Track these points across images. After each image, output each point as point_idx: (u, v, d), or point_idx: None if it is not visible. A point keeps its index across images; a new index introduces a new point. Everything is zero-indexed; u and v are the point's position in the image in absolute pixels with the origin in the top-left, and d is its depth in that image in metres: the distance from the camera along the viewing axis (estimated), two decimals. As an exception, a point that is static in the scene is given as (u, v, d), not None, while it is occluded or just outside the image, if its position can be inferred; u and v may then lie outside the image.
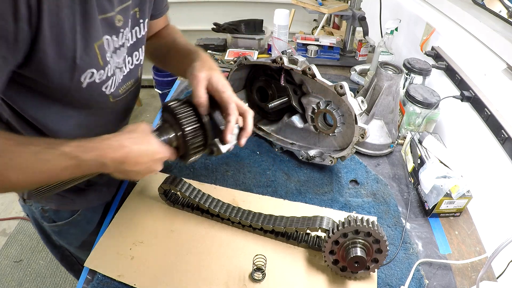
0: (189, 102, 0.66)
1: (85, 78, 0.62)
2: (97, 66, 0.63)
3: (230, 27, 1.67)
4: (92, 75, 0.63)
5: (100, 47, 0.62)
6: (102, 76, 0.65)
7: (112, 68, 0.67)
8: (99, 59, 0.62)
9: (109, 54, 0.65)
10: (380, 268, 0.77)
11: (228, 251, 0.79)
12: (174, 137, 0.65)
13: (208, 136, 0.66)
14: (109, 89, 0.69)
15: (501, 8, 0.96)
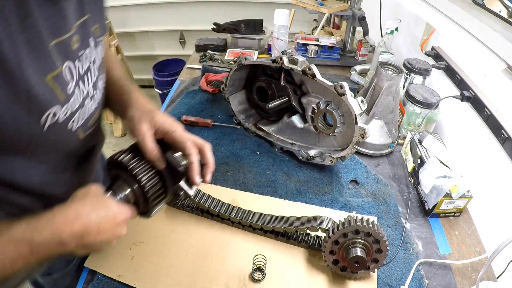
0: (136, 150, 0.59)
1: (46, 120, 0.51)
2: (58, 102, 0.52)
3: (230, 27, 1.67)
4: (55, 115, 0.52)
5: (57, 79, 0.51)
6: (66, 113, 0.54)
7: (79, 99, 0.56)
8: (57, 94, 0.51)
9: (72, 84, 0.54)
10: (380, 268, 0.77)
11: (228, 251, 0.79)
12: (130, 192, 0.58)
13: (167, 182, 0.60)
14: (76, 124, 0.58)
15: (501, 8, 0.96)
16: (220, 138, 1.15)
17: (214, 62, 1.62)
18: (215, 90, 1.35)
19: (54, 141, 0.55)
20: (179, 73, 1.60)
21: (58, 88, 0.51)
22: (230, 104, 1.19)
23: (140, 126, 0.60)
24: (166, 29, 3.12)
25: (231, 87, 1.17)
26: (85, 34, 0.57)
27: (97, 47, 0.61)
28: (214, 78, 1.38)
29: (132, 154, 0.59)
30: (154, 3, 2.97)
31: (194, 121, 1.19)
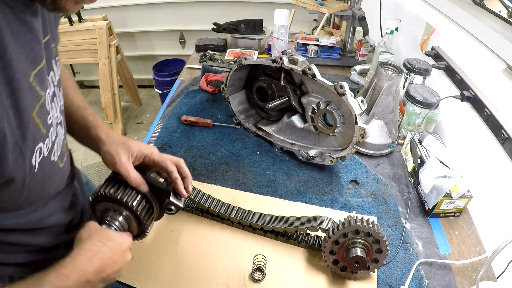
0: (116, 180, 0.63)
1: (36, 159, 0.49)
2: (41, 138, 0.50)
3: (230, 27, 1.67)
4: (41, 151, 0.50)
5: (39, 114, 0.48)
6: (48, 145, 0.53)
7: (55, 128, 0.54)
8: (40, 129, 0.49)
9: (51, 114, 0.52)
10: (380, 268, 0.77)
11: (228, 251, 0.79)
12: (123, 219, 0.62)
13: (152, 201, 0.65)
14: (57, 155, 0.57)
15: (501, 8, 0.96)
16: (220, 138, 1.15)
17: (214, 62, 1.62)
18: (215, 90, 1.35)
19: (43, 175, 0.54)
20: (179, 73, 1.60)
21: (40, 122, 0.49)
22: (230, 104, 1.19)
23: (119, 159, 0.63)
24: (166, 29, 3.12)
25: (231, 87, 1.17)
26: (48, 56, 0.53)
27: (58, 69, 0.59)
28: (214, 78, 1.38)
29: (116, 185, 0.63)
30: (154, 3, 2.97)
31: (194, 121, 1.19)
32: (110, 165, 0.65)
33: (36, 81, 0.47)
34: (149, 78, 3.09)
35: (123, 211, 0.62)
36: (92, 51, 2.56)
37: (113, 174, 0.65)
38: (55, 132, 0.54)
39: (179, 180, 0.66)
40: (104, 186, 0.63)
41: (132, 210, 0.62)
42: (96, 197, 0.63)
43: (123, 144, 0.66)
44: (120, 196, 0.61)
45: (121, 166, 0.63)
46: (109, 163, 0.65)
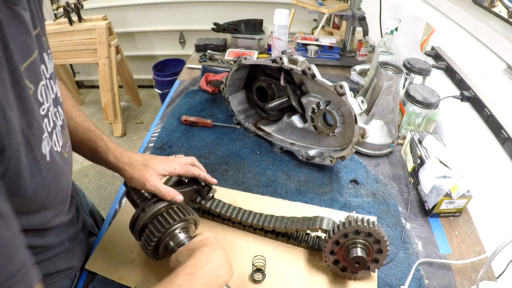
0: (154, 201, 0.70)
1: (45, 148, 0.49)
2: (43, 129, 0.50)
3: (230, 27, 1.67)
4: (48, 141, 0.51)
5: (36, 100, 0.49)
6: (45, 134, 0.51)
7: (51, 118, 0.54)
8: (39, 121, 0.49)
9: (45, 105, 0.52)
10: (380, 268, 0.77)
11: (229, 252, 0.79)
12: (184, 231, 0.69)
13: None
14: (59, 145, 0.56)
15: (501, 8, 0.96)
16: (220, 138, 1.15)
17: (214, 62, 1.62)
18: (215, 90, 1.35)
19: (56, 167, 0.53)
20: (179, 73, 1.60)
21: (38, 113, 0.49)
22: (230, 104, 1.19)
23: (148, 180, 0.68)
24: (166, 29, 3.12)
25: (231, 87, 1.17)
26: (40, 49, 0.52)
27: (50, 61, 0.58)
28: (214, 78, 1.38)
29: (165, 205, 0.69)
30: (154, 3, 2.98)
31: (194, 121, 1.19)
32: (139, 187, 0.70)
33: (26, 73, 0.46)
34: (149, 78, 3.09)
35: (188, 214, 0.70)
36: (92, 51, 2.56)
37: (135, 194, 0.73)
38: (51, 123, 0.53)
39: (207, 176, 0.76)
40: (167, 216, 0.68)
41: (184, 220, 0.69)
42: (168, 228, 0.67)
43: (146, 167, 0.70)
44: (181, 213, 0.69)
45: (150, 186, 0.68)
46: (138, 186, 0.70)
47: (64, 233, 0.68)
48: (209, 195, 0.79)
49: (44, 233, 0.62)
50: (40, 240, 0.62)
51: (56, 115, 0.57)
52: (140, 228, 0.68)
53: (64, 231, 0.68)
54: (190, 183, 0.80)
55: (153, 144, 1.12)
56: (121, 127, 2.89)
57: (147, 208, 0.68)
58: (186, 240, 0.67)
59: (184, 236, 0.68)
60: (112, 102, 2.69)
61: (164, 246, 0.68)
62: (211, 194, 0.79)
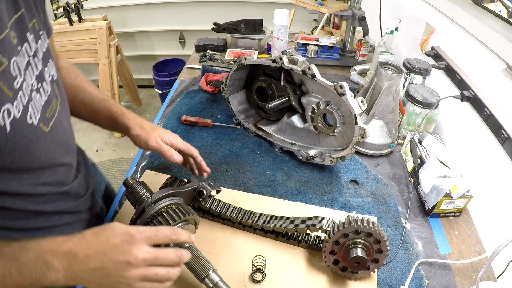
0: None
1: (4, 119, 0.50)
2: (7, 99, 0.51)
3: (230, 27, 1.67)
4: (9, 112, 0.51)
5: (2, 75, 0.51)
6: (19, 109, 0.53)
7: (26, 93, 0.56)
8: (5, 91, 0.51)
9: (19, 79, 0.54)
10: (380, 268, 0.77)
11: (228, 252, 0.79)
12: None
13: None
14: (35, 118, 0.58)
15: (501, 8, 0.96)
16: (220, 138, 1.15)
17: (214, 62, 1.62)
18: (215, 90, 1.35)
19: (23, 138, 0.55)
20: (179, 73, 1.60)
21: (4, 86, 0.51)
22: (230, 104, 1.19)
23: (151, 138, 0.75)
24: (166, 29, 3.12)
25: (231, 87, 1.17)
26: (22, 30, 0.58)
27: (38, 41, 0.63)
28: (214, 78, 1.38)
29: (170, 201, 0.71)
30: (154, 3, 2.98)
31: (194, 121, 1.19)
32: (143, 145, 0.77)
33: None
34: (149, 78, 3.09)
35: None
36: (92, 51, 2.56)
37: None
38: (26, 97, 0.56)
39: (203, 162, 0.80)
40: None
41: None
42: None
43: (152, 129, 0.78)
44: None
45: (153, 142, 0.75)
46: (141, 143, 0.77)
47: (62, 204, 0.69)
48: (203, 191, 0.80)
49: (37, 198, 0.64)
50: (32, 205, 0.63)
51: (40, 90, 0.60)
52: None
53: (61, 201, 0.70)
54: (190, 183, 0.80)
55: (153, 144, 1.12)
56: (121, 127, 2.88)
57: (147, 208, 0.68)
58: None
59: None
60: (112, 102, 2.68)
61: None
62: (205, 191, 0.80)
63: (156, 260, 0.54)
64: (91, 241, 0.52)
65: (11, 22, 0.55)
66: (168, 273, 0.55)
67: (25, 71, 0.57)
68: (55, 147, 0.64)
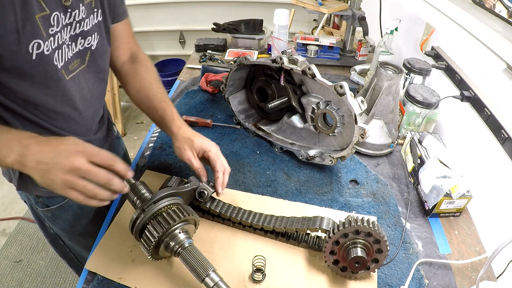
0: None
1: (33, 49, 0.63)
2: (41, 37, 0.63)
3: (230, 27, 1.67)
4: (40, 46, 0.63)
5: (42, 19, 0.63)
6: (48, 48, 0.66)
7: (57, 41, 0.68)
8: (41, 30, 0.63)
9: (54, 29, 0.66)
10: (380, 268, 0.77)
11: (228, 252, 0.79)
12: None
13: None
14: (59, 63, 0.70)
15: (501, 8, 0.96)
16: (220, 138, 1.15)
17: (214, 62, 1.62)
18: (215, 90, 1.35)
19: (45, 72, 0.67)
20: (179, 73, 1.60)
21: (41, 26, 0.63)
22: (230, 104, 1.19)
23: (185, 152, 0.81)
24: (166, 29, 3.12)
25: (231, 87, 1.17)
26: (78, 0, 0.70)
27: (88, 14, 0.74)
28: (214, 78, 1.38)
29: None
30: (154, 3, 2.98)
31: (194, 121, 1.19)
32: (179, 157, 0.84)
33: (44, 0, 0.63)
34: (149, 78, 3.09)
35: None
36: (92, 51, 2.56)
37: None
38: (56, 44, 0.67)
39: (219, 180, 0.81)
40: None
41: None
42: None
43: (189, 140, 0.82)
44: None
45: (185, 158, 0.82)
46: (178, 155, 0.84)
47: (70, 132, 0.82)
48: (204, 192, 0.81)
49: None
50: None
51: (69, 46, 0.72)
52: (140, 229, 0.68)
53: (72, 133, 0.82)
54: (190, 183, 0.80)
55: (153, 144, 1.12)
56: (121, 127, 2.89)
57: (147, 208, 0.68)
58: (186, 240, 0.67)
59: (184, 236, 0.68)
60: (112, 102, 2.69)
61: (164, 246, 0.68)
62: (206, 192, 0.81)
63: (87, 173, 0.59)
64: (48, 141, 0.61)
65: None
66: (94, 190, 0.61)
67: (64, 27, 0.69)
68: (70, 96, 0.76)
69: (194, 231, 0.75)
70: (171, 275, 0.73)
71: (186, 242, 0.67)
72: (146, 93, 0.90)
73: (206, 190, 0.81)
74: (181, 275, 0.73)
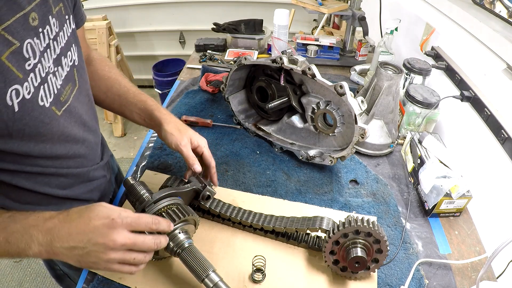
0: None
1: (12, 99, 0.52)
2: (16, 80, 0.53)
3: (230, 27, 1.67)
4: (18, 93, 0.53)
5: (14, 56, 0.52)
6: (30, 90, 0.55)
7: (39, 75, 0.57)
8: (14, 72, 0.52)
9: (31, 61, 0.56)
10: (380, 268, 0.77)
11: (228, 252, 0.79)
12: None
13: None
14: (47, 101, 0.60)
15: (501, 8, 0.96)
16: (220, 138, 1.15)
17: (214, 62, 1.62)
18: (215, 90, 1.35)
19: (33, 119, 0.57)
20: (179, 73, 1.60)
21: (13, 66, 0.52)
22: (230, 104, 1.19)
23: (182, 140, 0.77)
24: (166, 29, 3.12)
25: (231, 87, 1.17)
26: (45, 12, 0.59)
27: (62, 25, 0.65)
28: (214, 78, 1.38)
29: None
30: (154, 3, 2.98)
31: (194, 121, 1.19)
32: (172, 145, 0.78)
33: (7, 31, 0.51)
34: (149, 78, 3.09)
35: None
36: (92, 51, 2.55)
37: None
38: (39, 79, 0.57)
39: (216, 175, 0.83)
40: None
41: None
42: None
43: (184, 130, 0.80)
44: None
45: (183, 146, 0.77)
46: (172, 144, 0.78)
47: (75, 190, 0.76)
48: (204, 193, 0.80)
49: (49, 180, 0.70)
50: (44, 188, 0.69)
51: (56, 74, 0.62)
52: None
53: (75, 187, 0.76)
54: (190, 183, 0.80)
55: (153, 144, 1.12)
56: (121, 127, 2.89)
57: (147, 208, 0.68)
58: (186, 241, 0.67)
59: (184, 236, 0.68)
60: (112, 102, 2.68)
61: None
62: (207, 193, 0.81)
63: (135, 245, 0.56)
64: (73, 220, 0.55)
65: (34, 4, 0.56)
66: (144, 258, 0.58)
67: (42, 53, 0.58)
68: (68, 132, 0.67)
69: (194, 231, 0.75)
70: (171, 275, 0.73)
71: (186, 242, 0.67)
72: (116, 92, 0.84)
73: (210, 193, 0.81)
74: (181, 275, 0.73)
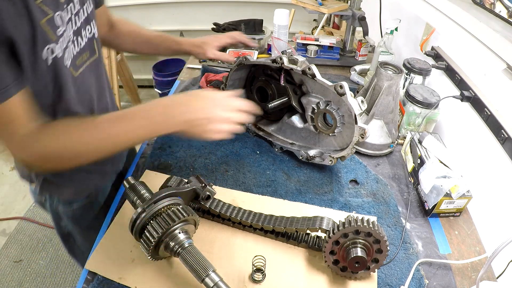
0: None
1: (47, 54, 0.65)
2: (51, 41, 0.65)
3: (230, 27, 1.67)
4: (52, 51, 0.66)
5: (47, 24, 0.64)
6: (59, 50, 0.68)
7: (65, 41, 0.70)
8: (49, 35, 0.65)
9: (61, 29, 0.68)
10: (380, 268, 0.77)
11: (228, 252, 0.79)
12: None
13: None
14: (68, 61, 0.72)
15: (501, 8, 0.95)
16: (220, 138, 1.15)
17: (214, 62, 1.62)
18: (215, 90, 1.35)
19: (61, 77, 0.70)
20: (179, 73, 1.60)
21: (49, 31, 0.64)
22: (230, 104, 1.18)
23: (208, 51, 1.11)
24: (166, 29, 3.12)
25: (231, 87, 1.17)
26: None
27: (81, 4, 0.77)
28: (214, 78, 1.38)
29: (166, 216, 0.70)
30: (154, 3, 2.98)
31: (194, 121, 1.19)
32: (201, 55, 1.10)
33: (44, 3, 0.63)
34: (149, 78, 3.09)
35: None
36: (92, 51, 2.55)
37: None
38: (64, 44, 0.70)
39: (247, 39, 1.20)
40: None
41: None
42: None
43: (205, 42, 1.10)
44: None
45: (210, 54, 1.10)
46: (199, 54, 1.10)
47: None
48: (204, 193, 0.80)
49: None
50: None
51: (74, 42, 0.75)
52: (140, 229, 0.68)
53: None
54: (190, 183, 0.80)
55: (153, 144, 1.12)
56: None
57: (147, 208, 0.68)
58: (186, 241, 0.67)
59: (184, 236, 0.68)
60: (112, 102, 2.68)
61: (164, 246, 0.68)
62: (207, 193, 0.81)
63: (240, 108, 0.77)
64: (181, 103, 0.73)
65: None
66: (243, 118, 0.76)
67: (66, 24, 0.71)
68: (82, 92, 0.79)
69: (194, 231, 0.75)
70: (171, 275, 0.74)
71: (186, 242, 0.67)
72: (143, 38, 1.07)
73: (210, 193, 0.81)
74: (181, 275, 0.73)
